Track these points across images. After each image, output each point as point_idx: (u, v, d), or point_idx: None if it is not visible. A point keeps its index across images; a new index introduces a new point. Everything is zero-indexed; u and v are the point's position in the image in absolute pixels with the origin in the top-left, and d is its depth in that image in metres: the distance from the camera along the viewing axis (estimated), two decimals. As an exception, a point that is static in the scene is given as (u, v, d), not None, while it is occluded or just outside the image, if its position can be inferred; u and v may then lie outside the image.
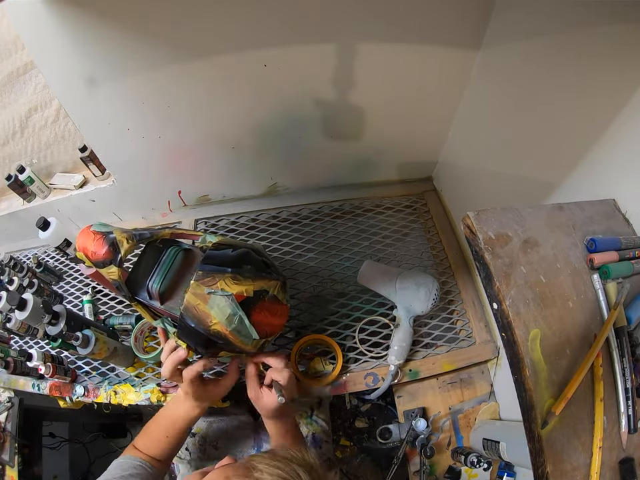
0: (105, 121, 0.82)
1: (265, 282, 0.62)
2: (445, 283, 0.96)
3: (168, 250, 0.68)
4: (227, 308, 0.58)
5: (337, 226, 1.08)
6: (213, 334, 0.59)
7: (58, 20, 0.62)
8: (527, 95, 0.67)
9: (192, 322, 0.59)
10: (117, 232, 0.63)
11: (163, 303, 0.67)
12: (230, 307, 0.58)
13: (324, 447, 0.90)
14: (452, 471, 0.81)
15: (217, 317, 0.58)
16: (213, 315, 0.58)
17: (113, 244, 0.62)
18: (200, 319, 0.59)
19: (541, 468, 0.39)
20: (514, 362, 0.40)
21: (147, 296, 0.67)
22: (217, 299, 0.58)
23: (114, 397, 0.87)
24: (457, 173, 1.01)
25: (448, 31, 0.72)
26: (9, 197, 1.15)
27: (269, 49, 0.71)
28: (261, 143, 0.93)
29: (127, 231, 0.65)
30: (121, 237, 0.62)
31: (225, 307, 0.58)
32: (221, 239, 0.68)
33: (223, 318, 0.58)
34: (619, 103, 0.50)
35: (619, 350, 0.45)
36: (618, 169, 0.54)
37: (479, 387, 0.88)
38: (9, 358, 0.86)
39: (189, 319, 0.59)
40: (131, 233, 0.64)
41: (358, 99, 0.84)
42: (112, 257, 0.61)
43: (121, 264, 0.62)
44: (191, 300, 0.59)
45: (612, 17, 0.48)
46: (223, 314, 0.58)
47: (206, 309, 0.58)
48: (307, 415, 0.94)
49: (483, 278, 0.43)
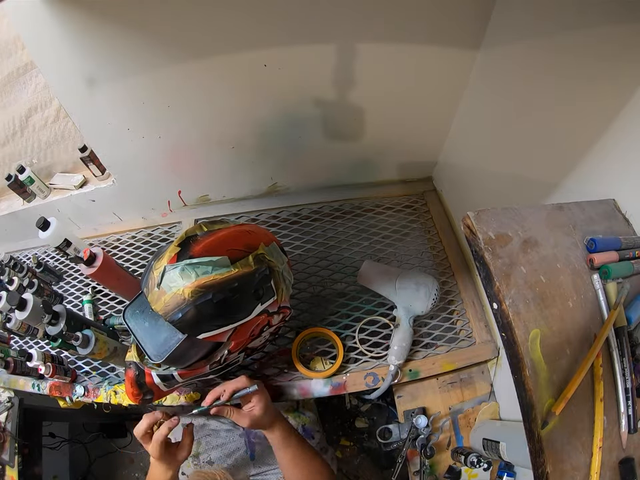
0: (105, 121, 0.82)
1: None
2: (445, 282, 0.96)
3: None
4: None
5: (337, 226, 1.08)
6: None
7: (58, 20, 0.62)
8: (527, 95, 0.67)
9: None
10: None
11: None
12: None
13: (316, 436, 0.92)
14: (452, 470, 0.81)
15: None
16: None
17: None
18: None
19: (541, 468, 0.39)
20: (514, 362, 0.40)
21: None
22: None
23: (114, 397, 0.87)
24: (457, 172, 1.01)
25: (448, 31, 0.72)
26: (9, 197, 1.15)
27: (269, 48, 0.71)
28: (261, 142, 0.93)
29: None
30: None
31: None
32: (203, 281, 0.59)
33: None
34: (619, 102, 0.50)
35: (618, 350, 0.45)
36: (618, 169, 0.54)
37: (478, 386, 0.88)
38: (9, 358, 0.86)
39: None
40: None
41: (358, 99, 0.84)
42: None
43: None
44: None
45: (612, 17, 0.48)
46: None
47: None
48: (293, 408, 0.95)
49: (482, 278, 0.43)
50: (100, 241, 1.14)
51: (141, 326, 0.66)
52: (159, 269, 0.60)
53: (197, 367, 0.67)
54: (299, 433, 0.76)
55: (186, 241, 0.62)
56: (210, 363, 0.67)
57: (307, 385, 0.84)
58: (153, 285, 0.60)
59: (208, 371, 0.69)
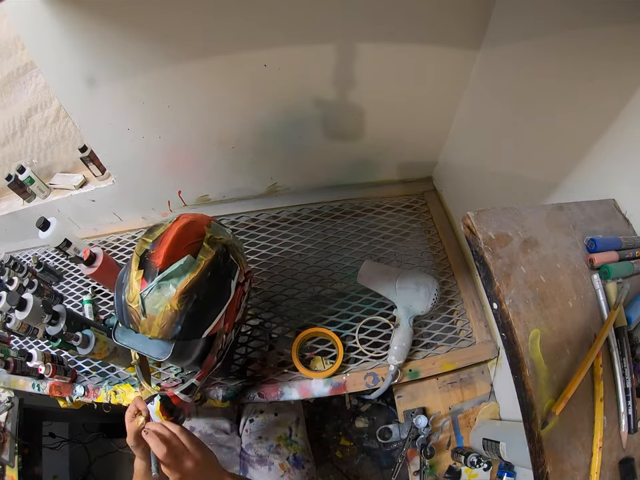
0: (105, 121, 0.82)
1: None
2: (445, 282, 0.96)
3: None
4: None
5: (337, 226, 1.08)
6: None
7: (58, 20, 0.62)
8: (527, 95, 0.67)
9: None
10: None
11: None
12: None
13: (306, 466, 0.91)
14: (452, 470, 0.81)
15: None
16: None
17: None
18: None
19: (540, 468, 0.39)
20: (514, 362, 0.40)
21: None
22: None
23: (114, 397, 0.87)
24: (457, 172, 1.01)
25: (448, 31, 0.72)
26: (9, 197, 1.15)
27: (269, 48, 0.71)
28: (261, 142, 0.93)
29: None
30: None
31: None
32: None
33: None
34: (619, 102, 0.50)
35: (618, 350, 0.45)
36: (618, 169, 0.54)
37: (478, 387, 0.88)
38: (9, 358, 0.86)
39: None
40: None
41: (358, 99, 0.84)
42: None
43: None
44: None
45: (612, 17, 0.48)
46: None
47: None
48: (286, 436, 0.94)
49: (483, 278, 0.43)
50: (100, 241, 1.14)
51: (137, 338, 0.65)
52: (134, 300, 0.58)
53: (208, 361, 0.68)
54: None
55: (142, 261, 0.60)
56: (216, 352, 0.68)
57: (307, 384, 0.84)
58: (137, 317, 0.59)
59: (216, 360, 0.70)
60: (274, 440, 0.92)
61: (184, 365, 0.66)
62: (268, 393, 0.83)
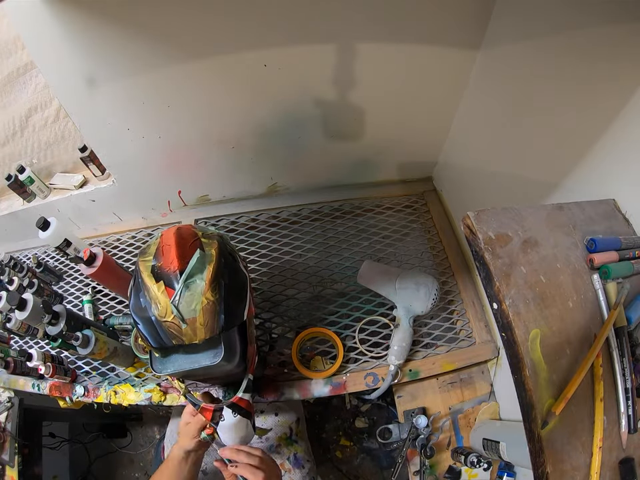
0: (105, 121, 0.82)
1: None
2: (445, 282, 0.96)
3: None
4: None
5: (337, 226, 1.08)
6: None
7: (58, 20, 0.62)
8: (527, 95, 0.67)
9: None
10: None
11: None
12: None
13: (306, 466, 0.91)
14: (452, 470, 0.81)
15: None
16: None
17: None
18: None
19: (540, 468, 0.39)
20: (514, 362, 0.40)
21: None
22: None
23: (114, 397, 0.87)
24: (457, 172, 1.01)
25: (448, 31, 0.72)
26: (9, 197, 1.15)
27: (268, 48, 0.71)
28: (261, 142, 0.93)
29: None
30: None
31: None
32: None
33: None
34: (619, 102, 0.50)
35: (618, 350, 0.45)
36: (618, 169, 0.54)
37: (478, 387, 0.88)
38: (9, 358, 0.86)
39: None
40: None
41: (358, 99, 0.84)
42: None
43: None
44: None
45: (612, 17, 0.48)
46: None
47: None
48: (286, 436, 0.94)
49: (483, 278, 0.43)
50: (100, 241, 1.14)
51: (179, 360, 0.62)
52: (167, 313, 0.56)
53: (250, 353, 0.68)
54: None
55: (157, 274, 0.58)
56: (253, 341, 0.69)
57: (307, 384, 0.84)
58: (177, 328, 0.56)
59: (256, 349, 0.71)
60: (274, 440, 0.92)
61: (234, 363, 0.64)
62: (268, 393, 0.84)
